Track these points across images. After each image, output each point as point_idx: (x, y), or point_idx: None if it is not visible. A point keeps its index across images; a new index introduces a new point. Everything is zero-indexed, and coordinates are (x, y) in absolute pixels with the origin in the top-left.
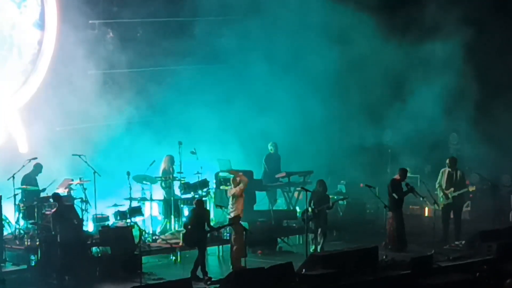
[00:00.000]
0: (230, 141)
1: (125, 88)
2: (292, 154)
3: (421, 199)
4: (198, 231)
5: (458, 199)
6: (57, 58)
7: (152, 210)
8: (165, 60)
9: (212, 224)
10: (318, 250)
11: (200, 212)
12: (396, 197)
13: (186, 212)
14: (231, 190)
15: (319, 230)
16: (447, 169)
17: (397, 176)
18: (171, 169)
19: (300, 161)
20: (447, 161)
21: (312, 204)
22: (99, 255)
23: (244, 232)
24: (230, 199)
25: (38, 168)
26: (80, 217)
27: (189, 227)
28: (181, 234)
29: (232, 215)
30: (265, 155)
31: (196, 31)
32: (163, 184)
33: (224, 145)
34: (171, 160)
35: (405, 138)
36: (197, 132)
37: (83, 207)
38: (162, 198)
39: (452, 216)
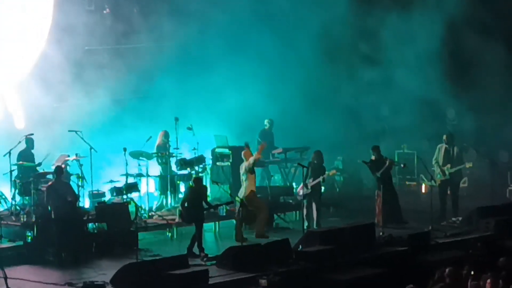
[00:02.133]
0: (225, 117)
1: (122, 64)
2: (286, 130)
3: (402, 166)
4: (196, 208)
5: (455, 176)
6: (54, 34)
7: (149, 186)
8: (162, 35)
9: (208, 200)
10: (314, 226)
11: (198, 189)
12: (378, 176)
13: (182, 188)
14: (244, 164)
15: (313, 205)
16: (444, 145)
17: (372, 157)
18: (167, 145)
19: (295, 137)
20: (444, 137)
21: (308, 178)
22: (95, 231)
23: (240, 208)
24: (242, 176)
25: (30, 142)
26: (76, 194)
27: (186, 204)
28: (177, 211)
29: (245, 192)
30: (259, 130)
31: (192, 7)
32: (159, 160)
33: (219, 121)
34: (166, 135)
35: (401, 113)
36: (192, 108)
37: (79, 183)
38: (158, 174)
39: (449, 192)
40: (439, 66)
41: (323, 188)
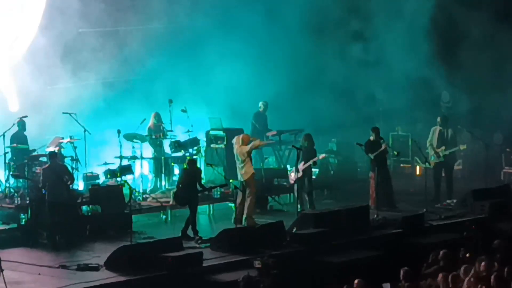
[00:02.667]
0: (217, 99)
1: (117, 47)
2: (280, 112)
3: (395, 153)
4: (190, 191)
5: (450, 158)
6: (47, 16)
7: (143, 168)
8: (157, 18)
9: (203, 182)
10: (309, 208)
11: (192, 171)
12: (372, 157)
13: (176, 170)
14: (242, 147)
15: (304, 189)
16: (438, 128)
17: (371, 137)
18: (160, 127)
19: (289, 119)
20: (438, 119)
21: (299, 161)
22: (89, 213)
23: (235, 190)
24: (240, 157)
25: (22, 124)
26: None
27: (181, 186)
28: (171, 193)
29: (246, 175)
30: (253, 113)
31: None
32: (152, 142)
33: (212, 103)
34: (157, 116)
35: (396, 95)
36: (186, 89)
37: (74, 166)
38: (152, 156)
39: (443, 174)
40: (431, 45)
41: (316, 170)
